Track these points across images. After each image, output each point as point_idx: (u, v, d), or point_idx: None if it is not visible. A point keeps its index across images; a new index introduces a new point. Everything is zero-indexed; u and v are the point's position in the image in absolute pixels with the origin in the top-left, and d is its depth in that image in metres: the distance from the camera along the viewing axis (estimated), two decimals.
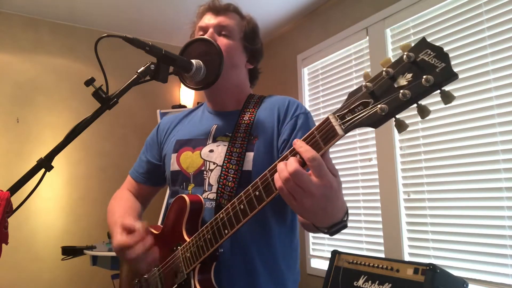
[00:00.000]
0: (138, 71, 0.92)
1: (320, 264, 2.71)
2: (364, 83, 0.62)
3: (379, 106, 0.59)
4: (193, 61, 1.01)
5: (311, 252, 2.82)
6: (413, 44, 0.58)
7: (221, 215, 0.86)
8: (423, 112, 0.57)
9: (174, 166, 1.12)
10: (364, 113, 0.61)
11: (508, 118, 1.75)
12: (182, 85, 1.98)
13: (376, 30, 2.42)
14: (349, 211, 2.86)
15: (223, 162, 1.02)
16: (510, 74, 1.75)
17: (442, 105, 2.00)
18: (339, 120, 0.64)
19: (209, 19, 1.13)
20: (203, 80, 1.04)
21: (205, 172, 1.05)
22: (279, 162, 0.69)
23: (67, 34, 3.15)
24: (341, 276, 1.84)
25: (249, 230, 0.99)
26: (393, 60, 0.60)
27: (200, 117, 1.20)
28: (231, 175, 1.00)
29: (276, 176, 0.67)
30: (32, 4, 2.86)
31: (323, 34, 2.88)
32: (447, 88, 0.56)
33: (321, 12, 2.95)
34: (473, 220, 1.85)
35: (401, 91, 0.57)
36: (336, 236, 2.61)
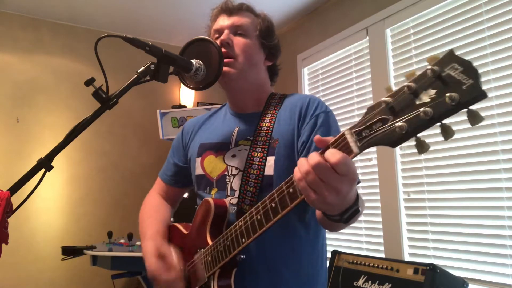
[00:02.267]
0: (138, 71, 0.92)
1: None
2: (384, 98, 0.57)
3: (398, 124, 0.54)
4: (193, 61, 1.01)
5: None
6: (440, 57, 0.52)
7: (239, 223, 0.87)
8: (447, 133, 0.52)
9: (198, 170, 1.13)
10: (381, 131, 0.57)
11: (508, 118, 1.75)
12: (182, 85, 1.98)
13: (376, 30, 2.42)
14: None
15: (244, 167, 1.02)
16: (510, 74, 1.75)
17: None
18: (355, 137, 0.60)
19: (223, 21, 1.12)
20: (203, 80, 1.04)
21: (227, 177, 1.06)
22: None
23: (67, 34, 3.15)
24: (341, 276, 1.84)
25: (273, 236, 0.98)
26: (417, 74, 0.55)
27: (222, 119, 1.20)
28: (252, 180, 1.00)
29: (295, 169, 0.65)
30: (32, 4, 2.86)
31: (323, 34, 2.88)
32: (475, 107, 0.50)
33: (321, 12, 2.95)
34: (473, 220, 1.85)
35: (422, 109, 0.52)
36: (336, 236, 2.61)
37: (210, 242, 0.97)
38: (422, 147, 0.55)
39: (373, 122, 0.58)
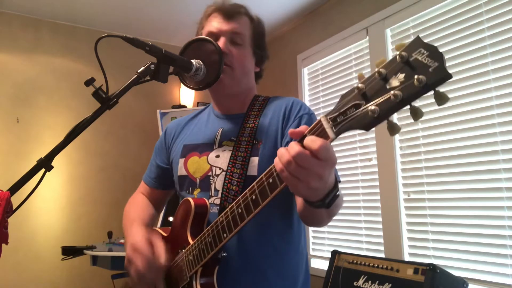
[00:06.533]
0: (138, 71, 0.92)
1: (320, 264, 2.70)
2: (356, 85, 0.60)
3: (370, 108, 0.57)
4: (193, 61, 1.01)
5: (311, 252, 2.82)
6: (407, 43, 0.56)
7: (221, 219, 0.87)
8: (416, 114, 0.55)
9: (181, 171, 1.13)
10: (355, 115, 0.60)
11: (508, 118, 1.75)
12: (182, 85, 1.98)
13: (376, 30, 2.42)
14: (349, 211, 2.87)
15: (228, 166, 1.02)
16: (510, 74, 1.75)
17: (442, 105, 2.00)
18: (330, 123, 0.63)
19: (221, 24, 1.10)
20: (203, 80, 1.04)
21: (211, 178, 1.06)
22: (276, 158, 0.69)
23: (67, 34, 3.15)
24: (341, 276, 1.84)
25: (256, 234, 0.99)
26: (387, 61, 0.58)
27: (206, 121, 1.20)
28: (236, 179, 1.00)
29: (276, 160, 0.67)
30: (32, 4, 2.86)
31: (323, 34, 2.88)
32: (441, 89, 0.53)
33: (321, 12, 2.95)
34: (473, 220, 1.85)
35: (392, 92, 0.55)
36: (336, 236, 2.61)
37: (191, 242, 0.97)
38: (393, 129, 0.57)
39: (347, 108, 0.61)
